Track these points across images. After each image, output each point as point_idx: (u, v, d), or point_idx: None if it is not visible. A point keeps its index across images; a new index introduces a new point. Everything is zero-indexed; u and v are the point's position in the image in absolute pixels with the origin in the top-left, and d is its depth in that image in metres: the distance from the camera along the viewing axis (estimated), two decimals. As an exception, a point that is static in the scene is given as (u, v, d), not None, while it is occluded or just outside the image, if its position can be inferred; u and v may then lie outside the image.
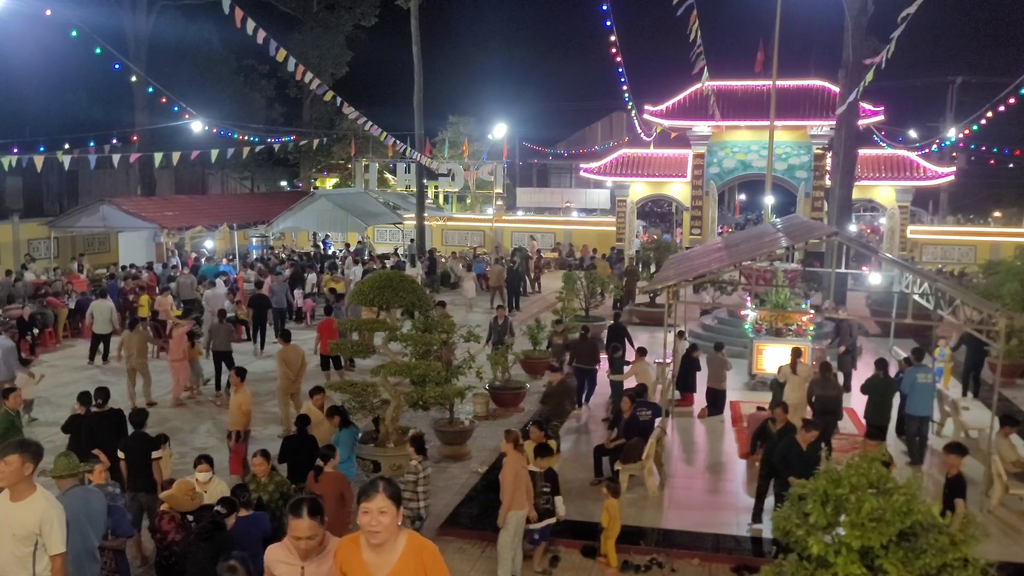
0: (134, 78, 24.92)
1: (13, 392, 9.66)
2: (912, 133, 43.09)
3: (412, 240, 32.77)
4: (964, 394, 13.83)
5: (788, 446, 8.50)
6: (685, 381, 13.82)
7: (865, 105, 26.46)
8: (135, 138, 29.82)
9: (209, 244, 30.41)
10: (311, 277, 23.28)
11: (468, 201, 41.79)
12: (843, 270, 21.40)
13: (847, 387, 13.94)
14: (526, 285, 27.29)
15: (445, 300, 19.04)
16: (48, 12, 19.10)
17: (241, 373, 10.82)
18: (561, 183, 52.39)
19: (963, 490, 7.99)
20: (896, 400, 11.45)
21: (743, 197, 63.75)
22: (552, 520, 8.20)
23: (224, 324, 15.20)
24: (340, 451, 9.09)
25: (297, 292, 21.90)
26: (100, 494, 6.36)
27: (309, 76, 18.28)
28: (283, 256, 29.45)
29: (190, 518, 7.17)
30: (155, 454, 8.47)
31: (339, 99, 20.31)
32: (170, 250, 27.95)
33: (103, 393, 9.66)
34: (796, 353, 12.50)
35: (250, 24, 16.11)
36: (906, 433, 11.35)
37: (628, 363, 13.75)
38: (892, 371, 11.91)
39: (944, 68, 44.45)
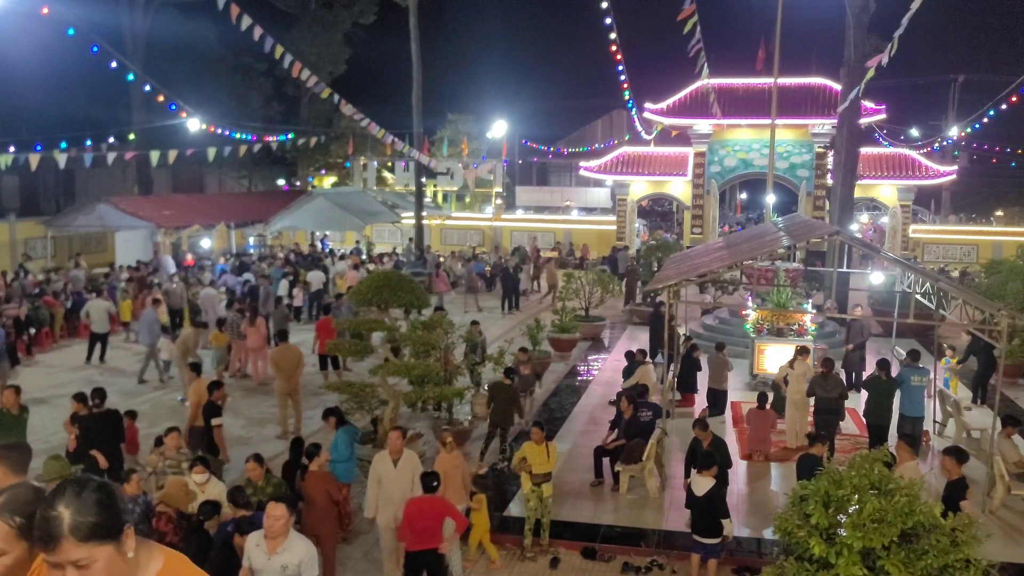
0: (131, 76, 24.83)
1: (8, 390, 9.61)
2: (914, 131, 43.03)
3: (411, 239, 32.70)
4: (975, 402, 13.64)
5: (811, 466, 7.89)
6: (686, 381, 13.72)
7: (867, 103, 26.36)
8: (132, 136, 29.74)
9: (206, 243, 30.31)
10: (318, 275, 23.05)
11: (467, 200, 41.68)
12: (845, 269, 21.33)
13: (855, 387, 13.86)
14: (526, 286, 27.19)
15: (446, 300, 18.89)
16: (45, 10, 19.01)
17: (195, 368, 10.80)
18: (561, 182, 52.28)
19: (959, 496, 7.73)
20: (897, 401, 11.39)
21: (744, 196, 63.64)
22: (718, 539, 7.83)
23: (280, 308, 17.34)
24: (340, 451, 9.04)
25: (296, 291, 21.78)
26: None
27: (307, 74, 18.18)
28: (279, 255, 29.33)
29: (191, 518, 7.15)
30: (214, 421, 9.81)
31: (337, 97, 20.21)
32: (183, 251, 27.88)
33: (99, 393, 9.70)
34: (802, 351, 12.47)
35: (245, 21, 16.01)
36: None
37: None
38: (895, 371, 11.85)
39: (946, 66, 44.40)
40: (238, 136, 29.31)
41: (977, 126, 28.92)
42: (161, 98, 23.19)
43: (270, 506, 5.67)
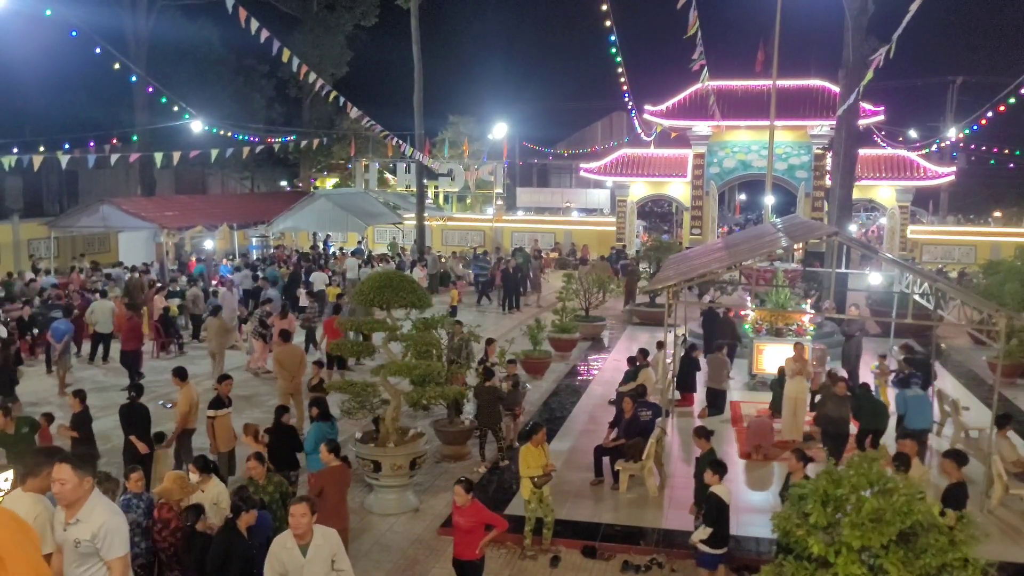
0: (134, 78, 24.91)
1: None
2: (912, 133, 43.10)
3: (393, 239, 32.88)
4: None
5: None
6: (685, 381, 13.81)
7: (865, 105, 26.45)
8: (135, 138, 29.82)
9: (209, 244, 30.40)
10: (320, 276, 23.15)
11: (468, 201, 41.77)
12: (844, 270, 21.41)
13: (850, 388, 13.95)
14: (527, 285, 27.28)
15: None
16: (48, 12, 19.09)
17: (181, 373, 10.76)
18: (561, 183, 52.38)
19: (960, 500, 7.74)
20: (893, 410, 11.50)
21: (743, 197, 63.77)
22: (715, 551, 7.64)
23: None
24: (307, 443, 9.25)
25: (300, 291, 21.92)
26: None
27: (313, 76, 18.28)
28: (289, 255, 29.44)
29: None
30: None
31: (342, 99, 20.32)
32: (187, 252, 28.05)
33: (137, 388, 10.17)
34: (799, 349, 12.63)
35: (253, 24, 16.11)
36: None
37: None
38: (892, 365, 11.92)
39: (944, 68, 44.50)
40: (241, 137, 29.42)
41: (975, 127, 28.96)
42: (164, 99, 23.31)
43: (54, 468, 4.72)
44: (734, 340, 15.42)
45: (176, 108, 25.07)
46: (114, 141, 26.89)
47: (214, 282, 22.92)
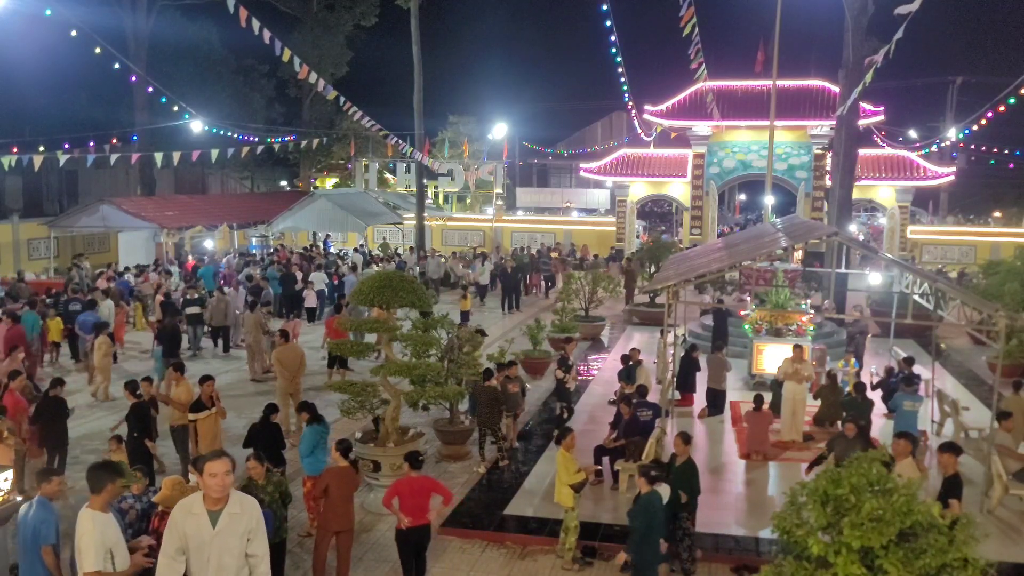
0: (134, 78, 24.93)
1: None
2: (912, 133, 43.12)
3: (384, 239, 33.01)
4: None
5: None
6: (685, 381, 13.80)
7: (865, 105, 26.46)
8: (135, 138, 29.85)
9: (209, 244, 30.40)
10: (321, 276, 23.15)
11: (468, 201, 41.79)
12: (844, 270, 21.43)
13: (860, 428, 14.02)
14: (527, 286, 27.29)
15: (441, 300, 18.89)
16: (48, 12, 19.11)
17: (179, 367, 10.74)
18: (561, 183, 52.41)
19: (959, 490, 7.88)
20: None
21: (743, 197, 63.80)
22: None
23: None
24: (301, 447, 9.23)
25: (307, 292, 21.96)
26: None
27: (314, 77, 18.29)
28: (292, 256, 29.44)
29: None
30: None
31: (343, 99, 20.34)
32: (186, 252, 28.04)
33: (133, 385, 10.24)
34: (797, 350, 12.65)
35: (254, 24, 16.14)
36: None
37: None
38: (892, 366, 11.92)
39: (944, 68, 44.58)
40: (236, 136, 29.43)
41: (975, 128, 28.97)
42: (164, 99, 23.34)
43: None
44: None
45: (176, 108, 25.10)
46: (114, 141, 26.92)
47: (220, 280, 22.96)
